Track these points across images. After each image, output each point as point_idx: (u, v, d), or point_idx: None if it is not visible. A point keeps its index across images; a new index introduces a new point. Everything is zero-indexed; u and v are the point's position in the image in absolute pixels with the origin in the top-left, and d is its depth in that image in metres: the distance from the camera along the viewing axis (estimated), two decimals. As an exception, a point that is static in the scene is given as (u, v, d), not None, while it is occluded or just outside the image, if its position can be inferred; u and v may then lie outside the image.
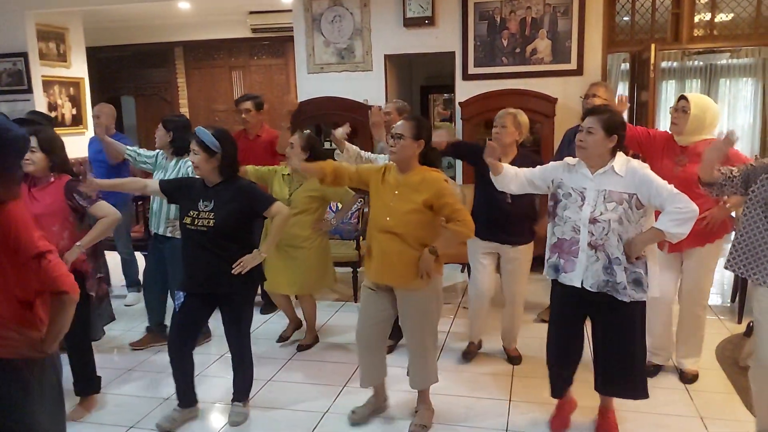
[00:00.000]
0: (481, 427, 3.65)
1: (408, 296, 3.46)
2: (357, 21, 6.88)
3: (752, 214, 3.04)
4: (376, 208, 3.44)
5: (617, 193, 3.09)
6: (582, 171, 3.20)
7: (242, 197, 3.53)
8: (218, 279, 3.51)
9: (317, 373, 4.42)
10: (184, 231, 3.56)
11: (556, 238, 3.26)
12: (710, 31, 6.54)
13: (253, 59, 10.25)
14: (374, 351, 3.65)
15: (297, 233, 4.49)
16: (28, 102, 7.83)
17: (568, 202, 3.19)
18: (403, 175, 3.40)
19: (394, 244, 3.34)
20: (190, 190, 3.59)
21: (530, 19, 6.45)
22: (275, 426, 3.73)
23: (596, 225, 3.10)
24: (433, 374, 3.67)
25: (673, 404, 3.82)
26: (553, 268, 3.29)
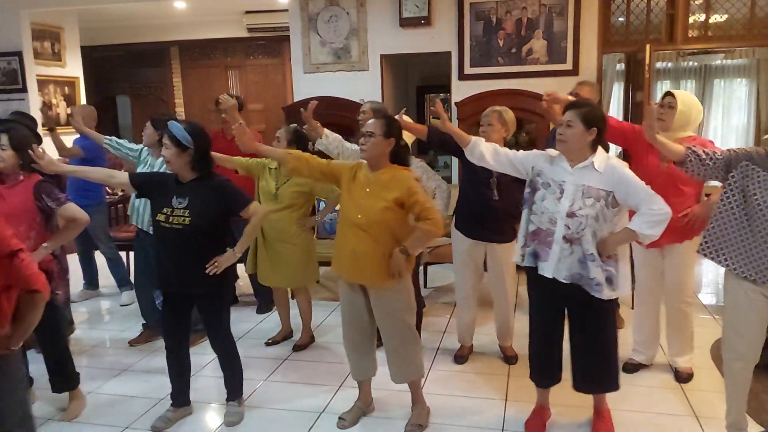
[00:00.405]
0: (477, 426, 3.66)
1: (381, 295, 3.46)
2: (353, 21, 6.88)
3: (729, 200, 3.06)
4: (346, 204, 3.45)
5: (595, 190, 3.13)
6: (562, 164, 3.23)
7: (219, 196, 3.49)
8: (193, 279, 3.48)
9: (313, 373, 4.42)
10: (158, 228, 3.50)
11: (534, 227, 3.27)
12: (705, 31, 6.55)
13: (249, 59, 10.25)
14: (362, 348, 3.65)
15: (284, 228, 4.50)
16: (23, 101, 7.82)
17: (546, 193, 3.21)
18: (373, 173, 3.41)
19: (365, 243, 3.34)
20: (162, 186, 3.53)
21: (526, 19, 6.46)
22: (271, 426, 3.73)
23: (573, 219, 3.12)
24: (417, 368, 3.65)
25: (668, 403, 3.83)
26: (534, 255, 3.30)
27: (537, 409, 3.63)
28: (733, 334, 3.15)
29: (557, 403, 3.69)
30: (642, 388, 4.03)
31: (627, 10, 6.63)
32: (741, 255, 3.02)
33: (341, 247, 3.46)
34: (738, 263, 3.04)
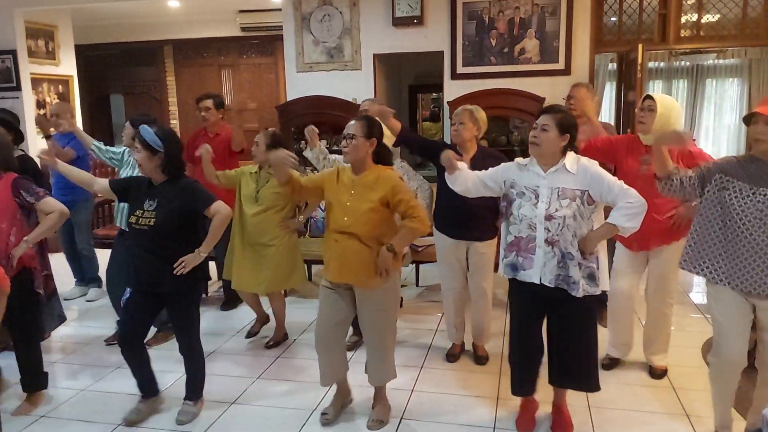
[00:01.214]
0: (469, 424, 3.67)
1: (367, 294, 3.48)
2: (346, 20, 6.89)
3: (707, 214, 3.11)
4: (333, 209, 3.44)
5: (570, 190, 3.16)
6: (534, 169, 3.25)
7: (183, 196, 3.52)
8: (160, 279, 3.52)
9: (306, 370, 4.42)
10: (131, 230, 3.56)
11: (512, 237, 3.28)
12: (697, 31, 6.57)
13: (243, 58, 10.24)
14: (334, 350, 3.65)
15: (265, 230, 4.52)
16: (17, 100, 7.81)
17: (522, 201, 3.23)
18: (357, 175, 3.44)
19: (352, 244, 3.36)
20: (138, 189, 3.60)
21: (518, 19, 6.47)
22: (263, 424, 3.74)
23: (552, 221, 3.15)
24: (392, 370, 3.70)
25: (660, 402, 3.84)
26: (511, 267, 3.31)
27: (524, 404, 3.65)
28: (722, 340, 3.17)
29: (544, 400, 3.71)
30: (634, 387, 4.05)
31: (619, 10, 6.64)
32: (723, 266, 3.06)
33: (330, 250, 3.47)
34: (721, 274, 3.08)
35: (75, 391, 4.15)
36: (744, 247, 2.97)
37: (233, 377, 4.33)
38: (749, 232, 2.96)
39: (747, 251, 2.97)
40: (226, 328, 5.25)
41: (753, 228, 2.95)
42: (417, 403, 3.91)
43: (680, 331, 4.88)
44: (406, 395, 3.98)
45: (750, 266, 2.98)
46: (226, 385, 4.19)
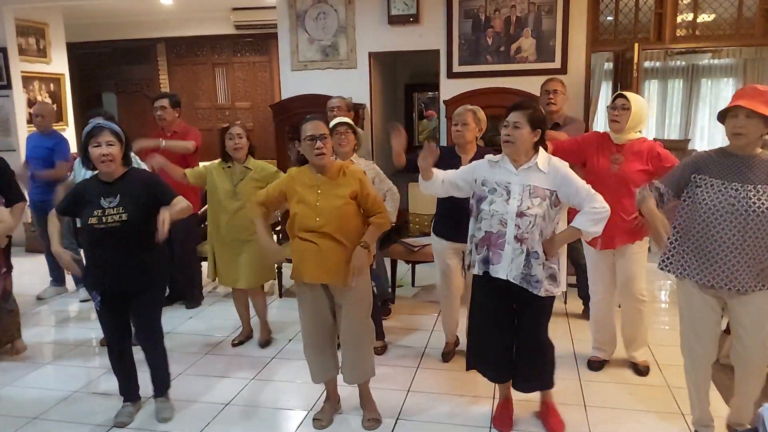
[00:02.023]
0: (465, 424, 3.65)
1: (344, 292, 3.47)
2: (341, 18, 6.86)
3: (688, 215, 3.10)
4: (299, 212, 3.39)
5: (541, 189, 3.19)
6: (506, 166, 3.26)
7: (147, 188, 3.49)
8: (131, 276, 3.48)
9: (300, 371, 4.36)
10: (90, 232, 3.42)
11: (483, 232, 3.27)
12: (692, 31, 6.57)
13: (237, 56, 10.20)
14: (323, 349, 3.63)
15: (244, 226, 4.45)
16: (8, 98, 7.77)
17: (493, 197, 3.23)
18: (323, 174, 3.43)
19: (327, 243, 3.35)
20: (82, 195, 3.47)
21: (515, 17, 6.46)
22: (259, 425, 3.71)
23: (523, 219, 3.15)
24: (371, 367, 3.68)
25: (654, 401, 3.83)
26: (483, 262, 3.29)
27: (502, 402, 3.65)
28: (692, 335, 3.22)
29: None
30: (628, 386, 4.04)
31: (615, 9, 6.64)
32: (701, 264, 3.06)
33: (302, 252, 3.42)
34: (700, 273, 3.07)
35: (67, 393, 4.10)
36: (716, 242, 2.98)
37: (227, 378, 4.29)
38: (721, 227, 2.96)
39: (719, 246, 2.98)
40: (219, 328, 5.21)
41: (725, 223, 2.95)
42: (413, 403, 3.88)
43: (673, 329, 4.85)
44: (402, 395, 3.95)
45: (722, 261, 2.99)
46: (220, 386, 4.16)
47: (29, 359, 4.65)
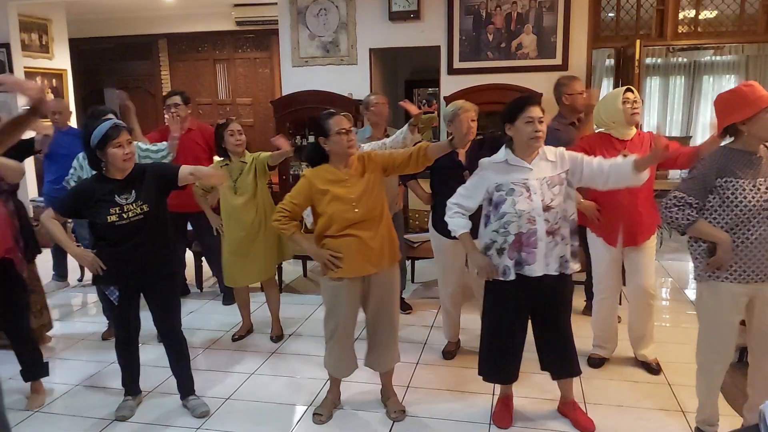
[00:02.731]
0: (464, 420, 3.65)
1: (383, 277, 3.50)
2: (342, 14, 6.86)
3: (716, 219, 3.00)
4: (335, 210, 3.37)
5: (556, 177, 3.21)
6: (518, 164, 3.23)
7: (155, 176, 3.52)
8: (153, 267, 3.54)
9: (300, 366, 4.41)
10: (110, 230, 3.40)
11: (512, 236, 3.20)
12: (694, 27, 6.56)
13: (238, 52, 10.20)
14: (350, 344, 3.67)
15: (248, 220, 4.52)
16: (10, 94, 7.75)
17: (514, 197, 3.18)
18: (345, 167, 3.44)
19: (366, 234, 3.38)
20: (89, 196, 3.43)
21: (516, 14, 6.45)
22: (258, 419, 3.72)
23: (551, 212, 3.16)
24: (398, 353, 3.73)
25: (656, 398, 3.84)
26: (516, 264, 3.24)
27: (503, 399, 3.66)
28: (716, 337, 3.16)
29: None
30: (629, 383, 4.04)
31: (617, 6, 6.63)
32: (737, 263, 2.99)
33: (343, 248, 3.40)
34: (736, 272, 3.01)
35: (69, 386, 4.13)
36: (756, 240, 2.93)
37: (228, 373, 4.31)
38: (759, 224, 2.92)
39: (759, 243, 2.93)
40: (220, 324, 5.22)
41: (762, 219, 2.92)
42: (413, 399, 3.89)
43: (675, 327, 4.88)
44: (401, 391, 3.95)
45: (756, 257, 2.95)
46: (220, 380, 4.18)
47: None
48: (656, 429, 3.52)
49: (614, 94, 3.92)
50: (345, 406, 3.82)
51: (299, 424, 3.65)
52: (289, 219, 3.45)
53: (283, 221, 3.44)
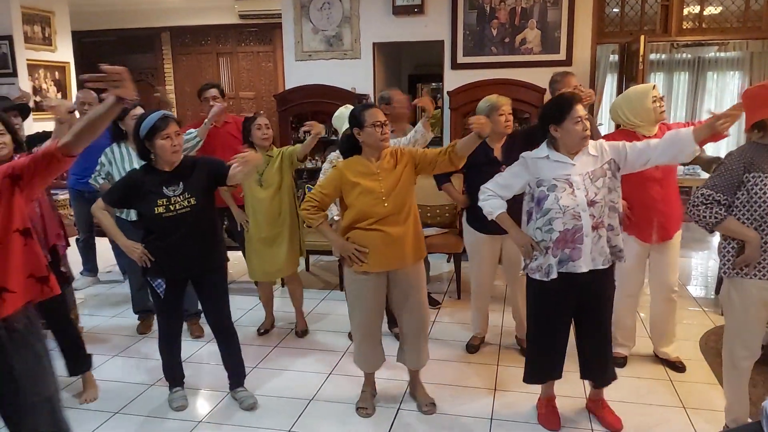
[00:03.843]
0: (466, 415, 3.66)
1: (407, 273, 3.50)
2: (346, 8, 6.85)
3: (745, 215, 2.96)
4: (364, 204, 3.36)
5: (598, 170, 3.16)
6: (559, 159, 3.19)
7: (204, 169, 3.52)
8: (201, 259, 3.55)
9: (303, 360, 4.43)
10: (157, 222, 3.43)
11: (557, 233, 3.16)
12: (699, 23, 6.56)
13: (241, 46, 10.18)
14: (378, 338, 3.68)
15: (273, 214, 4.54)
16: (13, 86, 7.76)
17: (557, 193, 3.14)
18: (377, 160, 3.42)
19: (393, 230, 3.36)
20: (139, 187, 3.45)
21: (520, 8, 6.44)
22: (261, 412, 3.74)
23: (595, 206, 3.12)
24: (428, 351, 3.74)
25: (657, 394, 3.84)
26: (564, 261, 3.19)
27: (547, 401, 3.61)
28: (744, 334, 3.11)
29: None
30: (628, 379, 4.04)
31: (622, 1, 6.62)
32: (766, 260, 2.95)
33: (369, 242, 3.38)
34: (765, 269, 2.97)
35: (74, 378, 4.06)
36: None
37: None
38: None
39: None
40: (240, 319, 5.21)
41: None
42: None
43: (678, 323, 4.86)
44: (403, 385, 3.96)
45: None
46: (223, 373, 4.17)
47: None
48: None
49: (641, 93, 3.81)
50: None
51: (301, 418, 3.67)
52: (318, 209, 3.44)
53: (311, 211, 3.42)
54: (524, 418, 3.61)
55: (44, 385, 2.36)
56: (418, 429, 3.56)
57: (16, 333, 2.25)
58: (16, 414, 2.32)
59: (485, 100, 4.13)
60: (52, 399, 2.39)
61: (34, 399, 2.30)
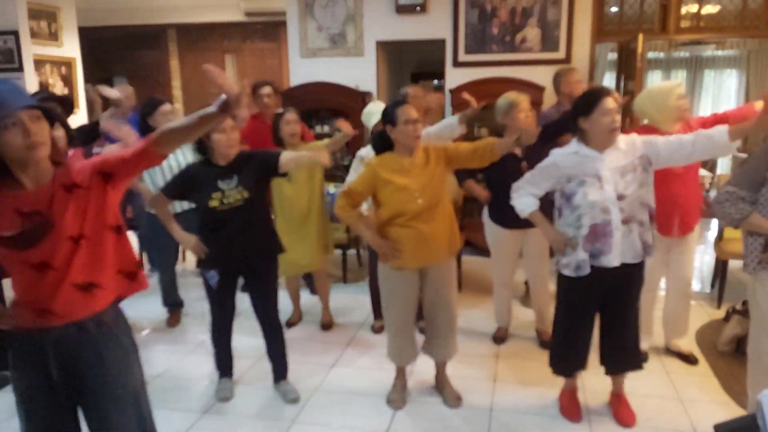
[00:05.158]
0: (466, 406, 3.74)
1: (441, 268, 3.55)
2: (350, 7, 6.93)
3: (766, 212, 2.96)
4: (397, 201, 3.38)
5: (629, 164, 3.15)
6: (588, 154, 3.19)
7: (257, 163, 3.56)
8: (253, 251, 3.61)
9: (309, 350, 4.50)
10: (211, 214, 3.51)
11: (587, 228, 3.17)
12: (697, 22, 6.61)
13: (246, 43, 10.24)
14: (411, 332, 3.72)
15: (301, 209, 4.57)
16: (19, 81, 7.81)
17: (586, 188, 3.15)
18: (409, 157, 3.44)
19: (426, 226, 3.38)
20: (195, 179, 3.53)
21: (520, 7, 6.52)
22: (267, 402, 3.82)
23: (625, 201, 3.12)
24: (456, 343, 3.79)
25: (653, 386, 3.89)
26: (591, 256, 3.21)
27: (569, 392, 3.68)
28: None
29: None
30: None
31: (620, 0, 6.68)
32: None
33: (403, 239, 3.41)
34: None
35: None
36: None
37: (236, 358, 4.33)
38: None
39: None
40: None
41: None
42: (415, 385, 3.98)
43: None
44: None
45: None
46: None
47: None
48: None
49: (665, 91, 3.79)
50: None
51: (305, 410, 3.76)
52: (352, 206, 3.48)
53: (345, 208, 3.46)
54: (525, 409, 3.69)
55: (132, 377, 2.36)
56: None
57: (104, 326, 2.26)
58: (101, 407, 2.30)
59: (504, 97, 4.15)
60: (138, 392, 2.39)
61: (121, 392, 2.30)
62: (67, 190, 2.14)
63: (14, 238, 2.08)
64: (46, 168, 2.14)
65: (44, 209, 2.11)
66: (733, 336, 4.31)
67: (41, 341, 2.20)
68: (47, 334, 2.19)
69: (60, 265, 2.14)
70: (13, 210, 2.10)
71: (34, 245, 2.10)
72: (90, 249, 2.18)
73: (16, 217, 2.09)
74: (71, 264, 2.15)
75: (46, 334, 2.19)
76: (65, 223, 2.12)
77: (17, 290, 2.21)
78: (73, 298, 2.18)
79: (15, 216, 2.09)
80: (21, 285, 2.20)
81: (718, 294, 5.32)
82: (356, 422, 3.59)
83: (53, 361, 2.21)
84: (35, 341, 2.20)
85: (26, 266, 2.13)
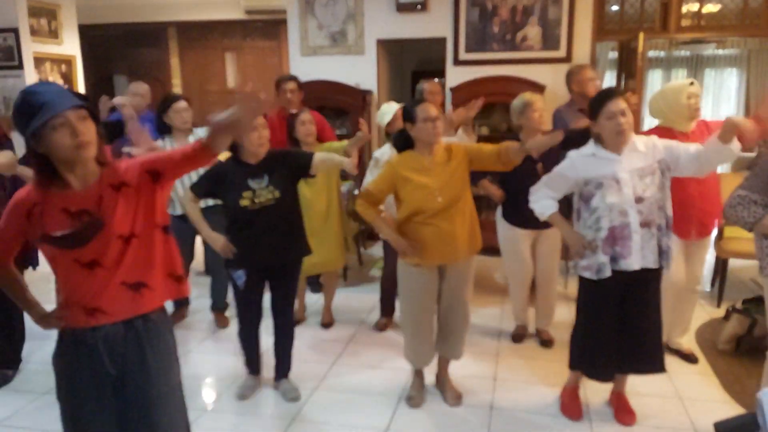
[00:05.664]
0: (466, 404, 3.74)
1: (460, 267, 3.55)
2: (350, 5, 6.93)
3: None
4: (417, 199, 3.38)
5: (648, 167, 3.14)
6: (606, 156, 3.17)
7: (288, 162, 3.55)
8: (288, 249, 3.62)
9: (308, 349, 4.51)
10: (241, 213, 3.48)
11: (605, 231, 3.16)
12: (698, 21, 6.61)
13: (247, 41, 10.22)
14: (429, 332, 3.70)
15: (318, 210, 4.56)
16: (19, 78, 7.81)
17: (603, 191, 3.14)
18: (430, 155, 3.43)
19: (445, 224, 3.37)
20: (224, 177, 3.51)
21: (521, 6, 6.51)
22: (266, 402, 3.82)
23: (643, 203, 3.11)
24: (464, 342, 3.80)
25: (653, 385, 3.87)
26: (613, 260, 3.19)
27: (571, 390, 3.67)
28: None
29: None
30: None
31: (621, -1, 6.69)
32: None
33: (423, 237, 3.40)
34: None
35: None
36: None
37: (235, 356, 4.34)
38: None
39: None
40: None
41: None
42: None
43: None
44: (406, 375, 4.02)
45: None
46: (228, 363, 4.28)
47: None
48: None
49: (676, 90, 3.82)
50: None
51: (305, 407, 3.76)
52: (373, 204, 3.49)
53: (366, 206, 3.47)
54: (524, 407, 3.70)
55: (174, 374, 2.38)
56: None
57: (150, 323, 2.27)
58: (145, 404, 2.29)
59: (519, 98, 4.15)
60: (177, 390, 2.41)
61: (165, 389, 2.31)
62: (115, 189, 2.16)
63: (66, 238, 2.09)
64: (92, 167, 2.14)
65: (92, 208, 2.12)
66: (733, 335, 4.31)
67: (93, 339, 2.20)
68: (97, 333, 2.20)
69: (110, 263, 2.15)
70: (62, 210, 2.11)
71: (86, 244, 2.11)
72: (140, 248, 2.20)
73: (64, 217, 2.10)
74: (121, 262, 2.16)
75: (97, 332, 2.20)
76: (115, 221, 2.13)
77: (65, 290, 2.21)
78: (123, 297, 2.19)
79: (63, 216, 2.10)
80: (70, 284, 2.20)
81: (718, 293, 5.34)
82: (356, 420, 3.59)
83: (107, 359, 2.22)
84: (86, 340, 2.21)
85: (76, 265, 2.14)
